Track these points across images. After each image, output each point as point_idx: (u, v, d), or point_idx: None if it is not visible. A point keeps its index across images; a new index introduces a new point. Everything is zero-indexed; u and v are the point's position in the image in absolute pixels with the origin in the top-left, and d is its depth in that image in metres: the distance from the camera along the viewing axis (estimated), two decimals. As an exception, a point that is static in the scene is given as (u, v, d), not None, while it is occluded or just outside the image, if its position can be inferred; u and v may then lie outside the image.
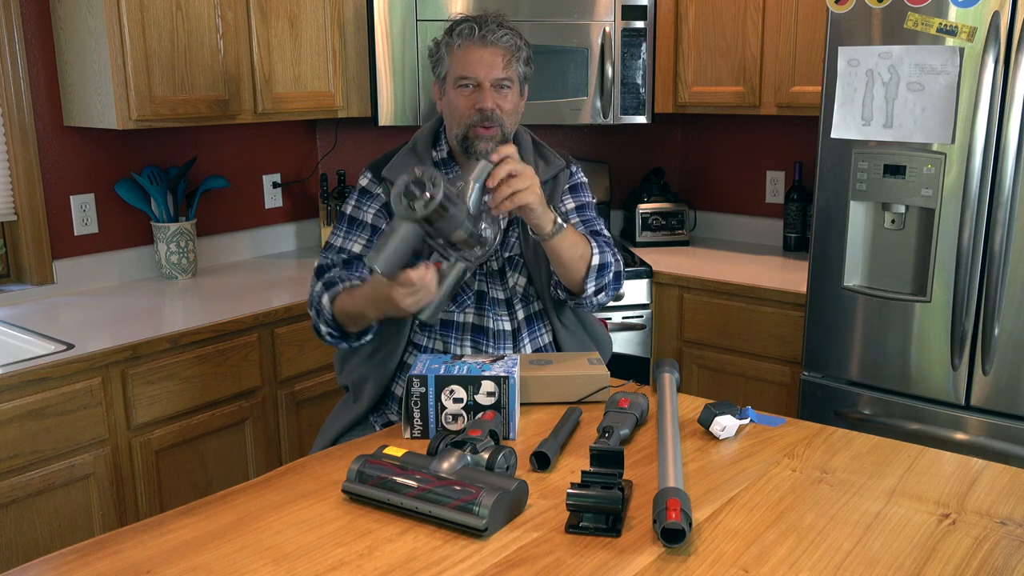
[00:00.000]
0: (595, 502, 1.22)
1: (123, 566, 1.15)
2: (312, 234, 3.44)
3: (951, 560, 1.15)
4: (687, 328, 2.96)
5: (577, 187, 1.98)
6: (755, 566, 1.13)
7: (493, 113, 1.76)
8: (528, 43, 1.84)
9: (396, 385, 1.88)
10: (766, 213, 3.45)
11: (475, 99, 1.76)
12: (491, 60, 1.76)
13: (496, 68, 1.77)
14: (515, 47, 1.79)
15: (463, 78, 1.77)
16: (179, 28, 2.54)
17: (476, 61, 1.76)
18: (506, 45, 1.77)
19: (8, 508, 2.03)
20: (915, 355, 2.31)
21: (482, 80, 1.76)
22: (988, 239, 2.16)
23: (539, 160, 1.89)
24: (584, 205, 1.97)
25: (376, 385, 1.84)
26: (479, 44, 1.76)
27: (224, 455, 2.47)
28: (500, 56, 1.77)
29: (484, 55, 1.76)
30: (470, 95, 1.77)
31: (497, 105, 1.77)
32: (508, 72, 1.78)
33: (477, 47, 1.76)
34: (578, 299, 1.84)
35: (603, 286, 1.83)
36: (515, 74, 1.80)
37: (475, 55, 1.76)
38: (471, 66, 1.76)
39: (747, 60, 2.99)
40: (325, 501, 1.32)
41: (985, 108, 2.11)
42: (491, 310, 1.86)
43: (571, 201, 1.96)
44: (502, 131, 1.79)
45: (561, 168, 1.92)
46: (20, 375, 2.01)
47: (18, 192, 2.60)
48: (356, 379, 1.87)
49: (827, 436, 1.55)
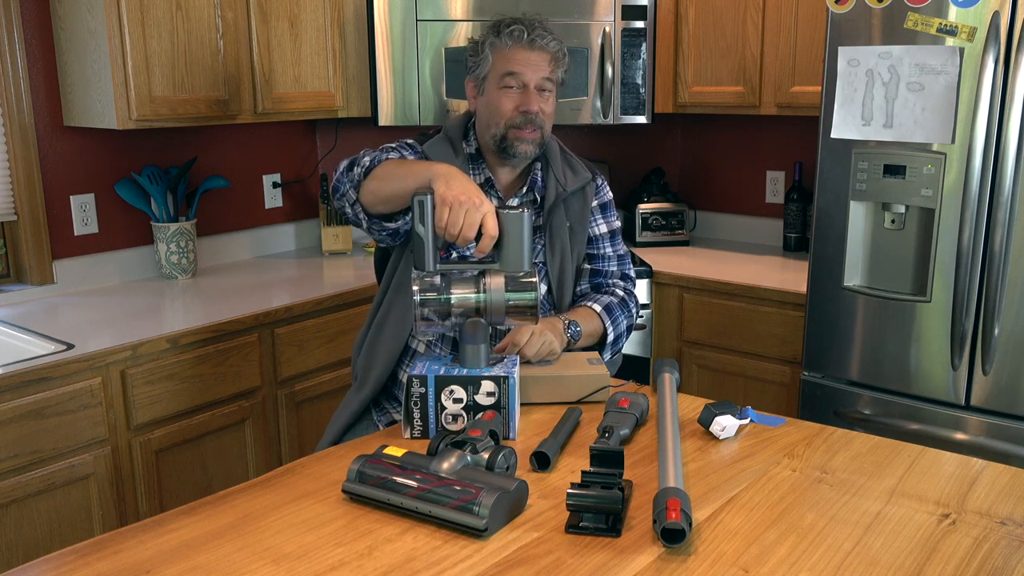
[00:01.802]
0: (595, 502, 1.22)
1: (123, 566, 1.15)
2: (312, 234, 3.44)
3: (951, 560, 1.15)
4: (687, 328, 2.96)
5: (606, 206, 2.01)
6: (755, 566, 1.13)
7: (537, 116, 1.79)
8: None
9: (401, 371, 1.88)
10: (766, 213, 3.45)
11: (520, 101, 1.79)
12: (539, 62, 1.79)
13: (542, 70, 1.80)
14: (561, 53, 1.83)
15: (510, 75, 1.79)
16: (179, 28, 2.54)
17: (524, 62, 1.78)
18: (553, 50, 1.81)
19: (8, 508, 2.03)
20: (915, 355, 2.31)
21: (528, 81, 1.79)
22: (988, 239, 2.16)
23: (566, 168, 1.91)
24: (615, 232, 2.02)
25: (382, 369, 1.83)
26: (527, 47, 1.79)
27: (224, 455, 2.47)
28: (548, 59, 1.80)
29: (532, 57, 1.79)
30: (515, 96, 1.79)
31: (540, 108, 1.80)
32: (553, 75, 1.82)
33: (526, 49, 1.79)
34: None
35: (619, 348, 1.98)
36: (557, 79, 1.84)
37: (524, 56, 1.79)
38: (520, 66, 1.78)
39: (747, 60, 2.99)
40: (325, 501, 1.32)
41: (985, 108, 2.11)
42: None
43: (603, 224, 2.00)
44: (542, 134, 1.82)
45: (588, 180, 1.94)
46: (20, 375, 2.01)
47: (18, 192, 2.60)
48: (364, 363, 1.87)
49: (827, 436, 1.55)
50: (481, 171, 1.87)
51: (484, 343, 1.56)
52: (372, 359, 1.85)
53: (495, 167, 1.88)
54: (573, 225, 1.91)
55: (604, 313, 1.89)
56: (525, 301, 1.55)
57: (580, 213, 1.92)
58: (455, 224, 1.47)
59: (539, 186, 1.89)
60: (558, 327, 1.78)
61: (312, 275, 2.97)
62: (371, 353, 1.86)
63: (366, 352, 1.88)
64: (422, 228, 1.48)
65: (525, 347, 1.69)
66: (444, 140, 1.87)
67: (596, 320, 1.88)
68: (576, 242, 1.92)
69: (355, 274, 2.94)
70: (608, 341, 1.90)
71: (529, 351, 1.69)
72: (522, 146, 1.80)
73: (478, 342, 1.56)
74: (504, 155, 1.82)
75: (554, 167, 1.89)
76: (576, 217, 1.92)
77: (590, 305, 1.90)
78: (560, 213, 1.89)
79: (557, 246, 1.87)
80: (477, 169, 1.87)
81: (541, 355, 1.71)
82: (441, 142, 1.86)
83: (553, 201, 1.87)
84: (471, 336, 1.56)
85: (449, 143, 1.86)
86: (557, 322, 1.79)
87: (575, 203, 1.92)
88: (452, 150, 1.85)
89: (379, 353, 1.84)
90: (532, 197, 1.89)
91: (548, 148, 1.90)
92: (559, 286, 1.89)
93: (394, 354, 1.83)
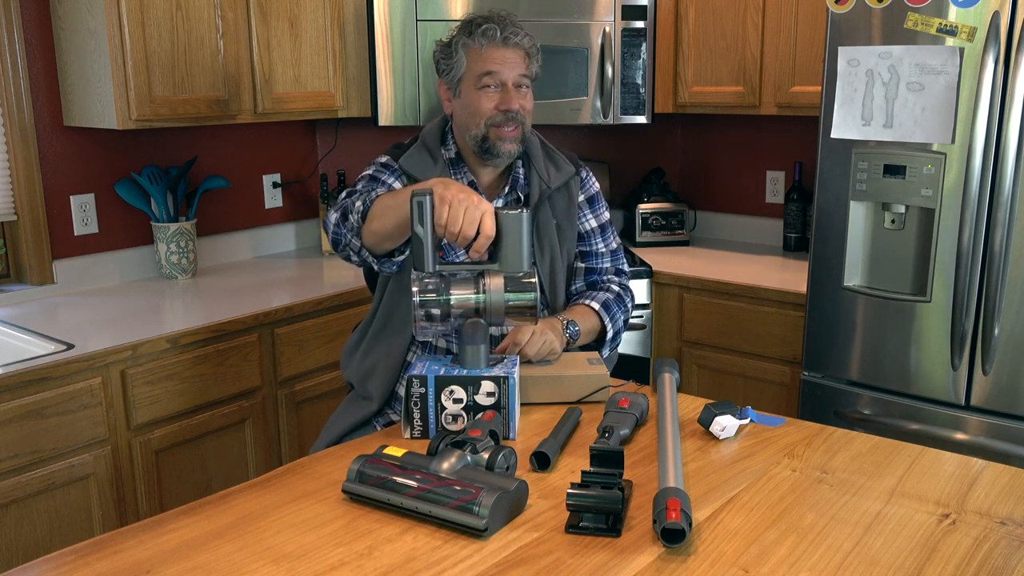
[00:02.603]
0: (595, 502, 1.22)
1: (123, 566, 1.15)
2: (312, 234, 3.44)
3: (951, 560, 1.15)
4: (687, 328, 2.96)
5: (594, 199, 1.99)
6: (755, 566, 1.13)
7: (518, 113, 1.79)
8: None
9: (399, 385, 1.88)
10: (766, 213, 3.45)
11: (499, 99, 1.78)
12: (514, 60, 1.79)
13: (519, 67, 1.80)
14: (535, 49, 1.83)
15: (488, 74, 1.78)
16: (179, 28, 2.54)
17: (500, 60, 1.78)
18: (527, 46, 1.81)
19: (8, 508, 2.04)
20: (915, 355, 2.31)
21: (506, 79, 1.78)
22: (988, 239, 2.16)
23: (549, 165, 1.89)
24: (605, 225, 2.00)
25: (384, 381, 1.82)
26: (502, 45, 1.78)
27: (224, 455, 2.47)
28: (522, 56, 1.80)
29: (507, 55, 1.79)
30: (493, 95, 1.78)
31: (521, 105, 1.80)
32: (529, 71, 1.82)
33: (500, 48, 1.78)
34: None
35: (617, 343, 1.97)
36: (532, 74, 1.84)
37: (499, 55, 1.78)
38: (496, 65, 1.78)
39: (747, 60, 2.99)
40: (325, 501, 1.32)
41: (985, 108, 2.11)
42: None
43: (593, 218, 1.98)
44: (523, 131, 1.82)
45: (571, 174, 1.92)
46: (20, 375, 2.01)
47: (18, 192, 2.60)
48: (361, 375, 1.86)
49: (827, 436, 1.55)
50: (463, 175, 1.86)
51: (484, 343, 1.56)
52: (371, 372, 1.84)
53: (476, 169, 1.86)
54: (560, 222, 1.89)
55: (602, 310, 1.89)
56: (525, 301, 1.55)
57: (566, 209, 1.91)
58: (455, 222, 1.46)
59: (521, 185, 1.88)
60: (557, 327, 1.78)
61: (312, 275, 2.97)
62: (369, 366, 1.85)
63: (361, 363, 1.87)
64: (421, 228, 1.48)
65: (526, 346, 1.69)
66: (421, 149, 1.86)
67: (594, 318, 1.88)
68: (565, 239, 1.91)
69: (355, 274, 2.94)
70: (607, 338, 1.90)
71: (530, 350, 1.69)
72: (504, 145, 1.79)
73: (478, 343, 1.55)
74: (487, 156, 1.81)
75: (536, 164, 1.88)
76: (563, 214, 1.90)
77: (587, 303, 1.89)
78: (546, 210, 1.88)
79: (546, 245, 1.86)
80: (458, 173, 1.86)
81: (542, 354, 1.71)
82: (417, 152, 1.85)
83: (538, 199, 1.86)
84: (471, 337, 1.56)
85: (427, 151, 1.85)
86: (556, 322, 1.79)
87: (560, 199, 1.90)
88: (430, 157, 1.84)
89: (378, 368, 1.83)
90: (516, 196, 1.88)
91: (529, 145, 1.89)
92: (551, 285, 1.89)
93: (395, 368, 1.83)
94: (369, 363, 1.85)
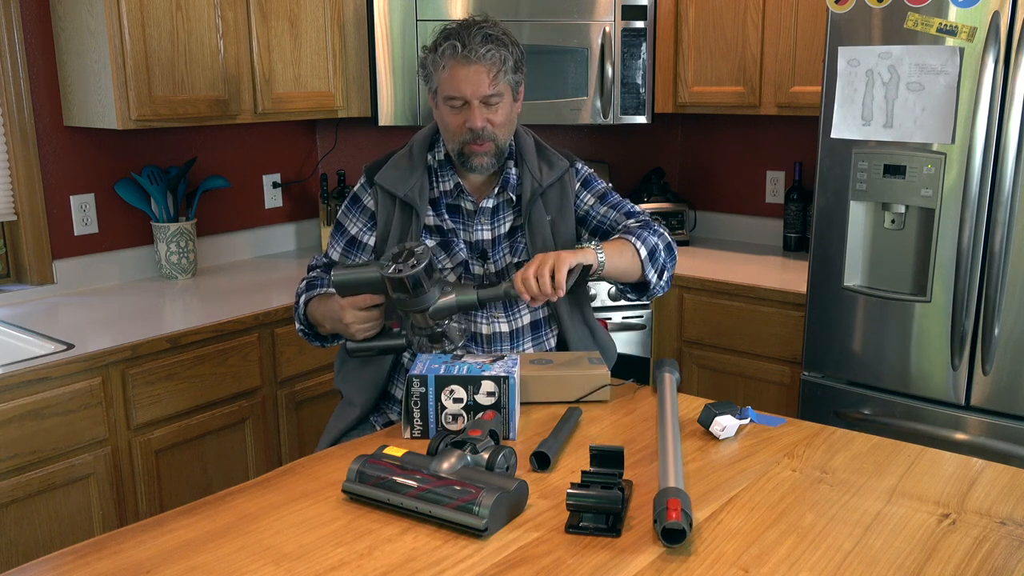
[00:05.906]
0: (595, 502, 1.22)
1: (123, 566, 1.15)
2: (312, 234, 3.44)
3: (951, 560, 1.15)
4: (687, 328, 2.96)
5: (588, 181, 1.94)
6: (755, 566, 1.13)
7: (483, 131, 1.74)
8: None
9: (394, 387, 1.88)
10: (766, 213, 3.45)
11: (465, 117, 1.74)
12: (476, 78, 1.71)
13: (482, 86, 1.72)
14: (500, 60, 1.73)
15: (450, 98, 1.74)
16: (179, 28, 2.54)
17: (462, 80, 1.71)
18: (491, 60, 1.71)
19: (8, 508, 2.04)
20: (915, 355, 2.31)
21: (469, 99, 1.73)
22: (988, 239, 2.16)
23: (542, 163, 1.87)
24: (604, 193, 1.94)
25: (371, 388, 1.84)
26: (463, 63, 1.71)
27: (224, 455, 2.47)
28: (485, 72, 1.71)
29: (469, 74, 1.71)
30: (459, 113, 1.75)
31: (488, 121, 1.75)
32: (496, 87, 1.73)
33: (462, 66, 1.71)
34: (649, 292, 1.86)
35: (662, 267, 1.84)
36: (504, 86, 1.76)
37: (460, 74, 1.71)
38: (457, 86, 1.72)
39: (747, 60, 2.99)
40: (325, 501, 1.32)
41: (985, 108, 2.11)
42: (481, 314, 1.84)
43: (590, 196, 1.93)
44: (496, 144, 1.78)
45: (565, 170, 1.89)
46: (20, 375, 2.01)
47: (18, 192, 2.60)
48: (350, 384, 1.88)
49: (827, 436, 1.55)
50: (450, 177, 1.84)
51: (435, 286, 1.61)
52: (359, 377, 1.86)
53: (464, 172, 1.84)
54: (554, 219, 1.87)
55: (625, 233, 1.81)
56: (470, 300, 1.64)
57: (560, 206, 1.88)
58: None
59: (512, 185, 1.85)
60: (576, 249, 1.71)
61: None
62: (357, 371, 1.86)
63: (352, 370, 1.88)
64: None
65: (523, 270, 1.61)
66: (406, 157, 1.84)
67: (619, 241, 1.79)
68: (560, 234, 1.88)
69: (355, 274, 2.94)
70: (643, 257, 1.78)
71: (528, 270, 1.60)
72: (477, 159, 1.77)
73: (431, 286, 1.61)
74: (464, 168, 1.80)
75: (529, 163, 1.85)
76: (556, 211, 1.87)
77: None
78: (539, 208, 1.85)
79: (539, 243, 1.84)
80: (445, 175, 1.85)
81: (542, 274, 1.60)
82: (394, 166, 1.84)
83: (530, 198, 1.83)
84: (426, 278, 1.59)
85: (408, 159, 1.84)
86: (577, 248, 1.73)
87: (554, 196, 1.87)
88: (410, 165, 1.83)
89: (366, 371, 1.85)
90: (507, 196, 1.86)
91: (522, 144, 1.87)
92: None
93: (379, 377, 1.84)
94: (353, 370, 1.87)
